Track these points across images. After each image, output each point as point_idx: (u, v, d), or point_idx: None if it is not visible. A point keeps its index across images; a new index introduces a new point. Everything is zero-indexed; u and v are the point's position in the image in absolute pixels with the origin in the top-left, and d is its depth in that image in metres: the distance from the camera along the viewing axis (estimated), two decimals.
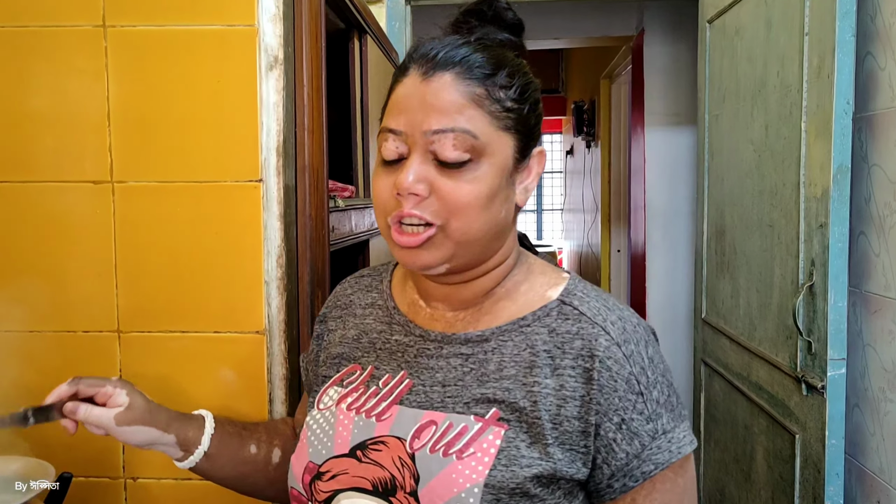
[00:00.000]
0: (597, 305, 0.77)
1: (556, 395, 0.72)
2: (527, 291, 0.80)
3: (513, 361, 0.75)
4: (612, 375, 0.72)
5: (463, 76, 0.71)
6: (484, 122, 0.71)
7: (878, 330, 1.43)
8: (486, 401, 0.74)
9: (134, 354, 1.11)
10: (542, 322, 0.76)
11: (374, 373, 0.82)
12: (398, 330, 0.83)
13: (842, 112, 1.41)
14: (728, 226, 2.01)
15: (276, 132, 1.10)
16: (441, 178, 0.71)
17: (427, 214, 0.71)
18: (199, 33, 1.06)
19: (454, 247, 0.73)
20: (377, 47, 1.89)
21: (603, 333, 0.74)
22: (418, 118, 0.71)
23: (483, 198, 0.71)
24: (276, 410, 1.13)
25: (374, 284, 0.92)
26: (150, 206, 1.09)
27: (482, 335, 0.78)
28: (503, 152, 0.73)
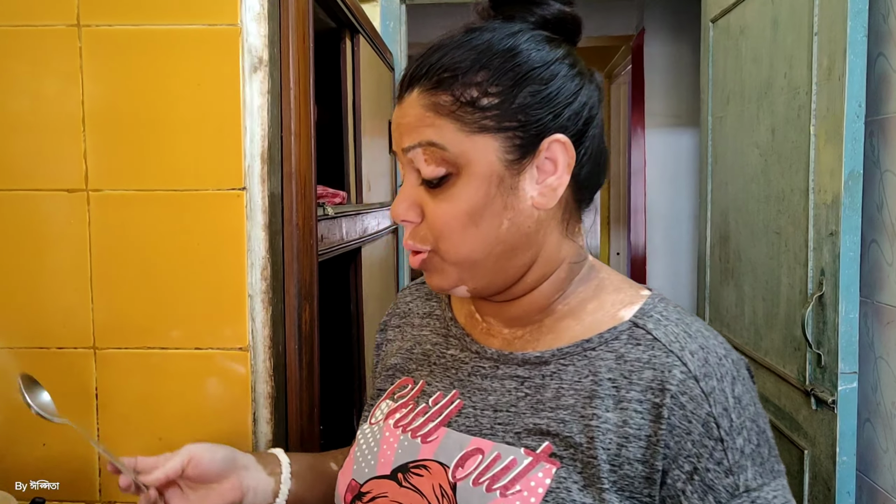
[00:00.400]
0: (675, 331, 0.66)
1: (618, 433, 0.63)
2: (595, 310, 0.71)
3: (572, 389, 0.67)
4: (686, 415, 0.61)
5: (428, 88, 0.66)
6: (451, 129, 0.64)
7: (892, 342, 1.37)
8: (538, 432, 0.66)
9: (110, 372, 1.05)
10: (610, 346, 0.67)
11: (426, 388, 0.76)
12: (454, 344, 0.78)
13: (853, 115, 1.35)
14: (732, 231, 1.95)
15: (261, 137, 1.04)
16: (427, 200, 0.67)
17: (419, 242, 0.68)
18: (178, 33, 1.00)
19: (456, 270, 0.68)
20: (370, 48, 1.83)
21: (678, 364, 0.63)
22: (396, 139, 0.68)
23: (461, 216, 0.65)
24: (260, 431, 1.07)
25: (433, 292, 0.86)
26: (127, 215, 1.03)
27: (541, 357, 0.70)
28: (484, 158, 0.64)
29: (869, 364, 1.45)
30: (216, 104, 1.01)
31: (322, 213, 1.27)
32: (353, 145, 1.69)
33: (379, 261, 2.02)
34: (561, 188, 0.66)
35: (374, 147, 1.91)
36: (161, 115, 1.01)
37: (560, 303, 0.72)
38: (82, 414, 1.05)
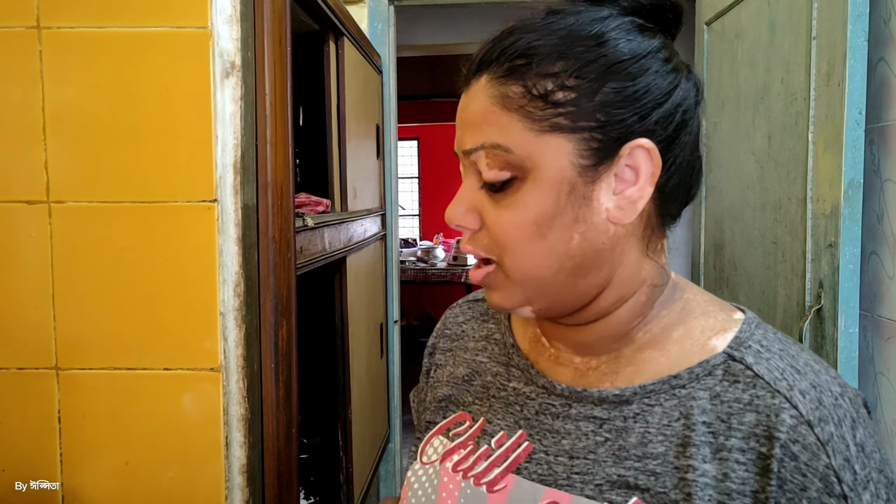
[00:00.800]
0: (780, 365, 0.56)
1: (718, 488, 0.54)
2: (682, 339, 0.61)
3: (661, 434, 0.58)
4: (800, 467, 0.53)
5: (498, 75, 0.57)
6: (518, 127, 0.56)
7: (893, 358, 1.33)
8: (624, 485, 0.57)
9: (74, 394, 0.99)
10: (702, 383, 0.58)
11: (487, 427, 0.67)
12: (517, 375, 0.68)
13: (853, 123, 1.30)
14: (727, 239, 1.91)
15: (233, 146, 0.98)
16: (489, 205, 0.58)
17: (480, 249, 0.59)
18: (145, 36, 0.95)
19: (520, 288, 0.59)
20: (356, 50, 1.77)
21: (788, 407, 0.54)
22: (459, 137, 0.60)
23: (526, 226, 0.56)
24: (233, 455, 1.02)
25: (490, 312, 0.76)
26: (91, 228, 0.97)
27: (621, 395, 0.60)
28: (555, 162, 0.55)
29: (868, 380, 1.40)
30: (185, 111, 0.96)
31: (301, 224, 1.22)
32: (337, 151, 1.64)
33: (366, 269, 1.96)
34: (642, 201, 0.57)
35: (360, 152, 1.86)
36: (127, 122, 0.96)
37: (640, 330, 0.62)
38: (44, 438, 0.99)
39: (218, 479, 1.01)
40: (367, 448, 1.92)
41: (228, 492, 1.02)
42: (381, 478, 2.41)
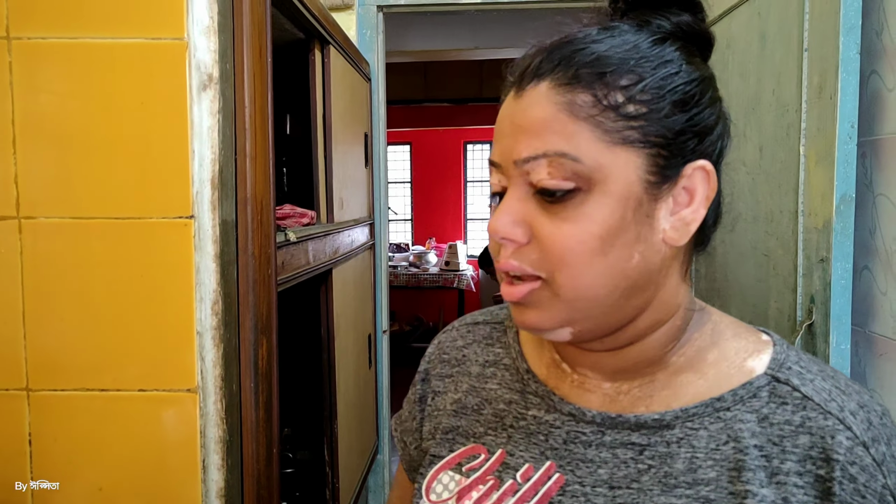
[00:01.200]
0: (826, 387, 0.57)
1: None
2: (717, 361, 0.60)
3: (710, 459, 0.56)
4: (859, 489, 0.53)
5: (562, 82, 0.54)
6: (590, 138, 0.53)
7: (886, 375, 1.31)
8: None
9: (46, 416, 0.96)
10: (748, 405, 0.57)
11: (508, 460, 0.62)
12: (536, 403, 0.64)
13: (845, 136, 1.29)
14: (719, 250, 1.89)
15: (211, 161, 0.96)
16: (541, 218, 0.55)
17: (527, 265, 0.55)
18: (119, 47, 0.92)
19: (566, 308, 0.55)
20: (343, 58, 1.75)
21: (842, 429, 0.54)
22: (509, 145, 0.56)
23: (593, 241, 0.53)
24: (210, 479, 0.99)
25: (495, 336, 0.72)
26: (63, 245, 0.94)
27: (661, 419, 0.58)
28: (624, 176, 0.54)
29: None
30: (161, 125, 0.93)
31: (283, 238, 1.19)
32: (323, 161, 1.61)
33: (354, 279, 1.93)
34: (695, 223, 0.56)
35: (348, 161, 1.83)
36: (100, 136, 0.93)
37: (675, 353, 0.61)
38: (14, 461, 0.96)
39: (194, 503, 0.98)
40: (354, 461, 1.89)
41: None
42: (370, 489, 2.38)
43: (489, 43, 3.39)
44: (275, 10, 1.22)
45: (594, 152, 0.53)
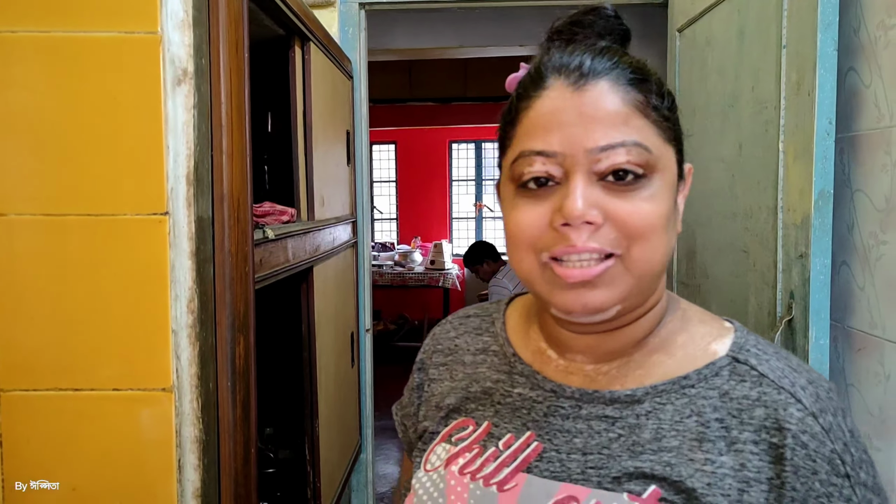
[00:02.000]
0: (780, 366, 0.63)
1: (737, 477, 0.59)
2: (685, 344, 0.66)
3: (674, 430, 0.62)
4: (810, 454, 0.59)
5: (619, 82, 0.60)
6: (651, 132, 0.60)
7: (864, 370, 1.32)
8: (641, 476, 0.61)
9: (17, 417, 0.94)
10: (710, 383, 0.63)
11: (492, 431, 0.69)
12: (521, 382, 0.70)
13: (823, 133, 1.29)
14: (699, 247, 1.90)
15: (186, 157, 0.95)
16: (613, 201, 0.59)
17: (606, 245, 0.59)
18: (91, 41, 0.91)
19: (634, 282, 0.60)
20: (324, 55, 1.74)
21: (794, 402, 0.60)
22: (578, 134, 0.59)
23: (664, 218, 0.60)
24: (186, 478, 0.98)
25: (484, 327, 0.79)
26: (34, 243, 0.92)
27: (633, 395, 0.64)
28: (671, 167, 0.62)
29: (840, 392, 1.39)
30: (134, 120, 0.92)
31: (261, 236, 1.18)
32: (303, 158, 1.60)
33: (336, 277, 1.92)
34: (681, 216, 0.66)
35: (329, 159, 1.82)
36: (72, 131, 0.91)
37: (653, 336, 0.67)
38: None
39: (170, 503, 0.97)
40: (336, 460, 1.88)
41: None
42: (353, 488, 2.37)
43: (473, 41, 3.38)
44: (253, 6, 1.20)
45: (656, 145, 0.60)
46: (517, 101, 0.65)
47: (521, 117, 0.63)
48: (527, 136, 0.62)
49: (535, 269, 0.62)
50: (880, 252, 1.26)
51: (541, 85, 0.62)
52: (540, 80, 0.63)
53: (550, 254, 0.60)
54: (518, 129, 0.64)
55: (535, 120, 0.62)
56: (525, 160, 0.61)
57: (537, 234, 0.61)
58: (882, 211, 1.26)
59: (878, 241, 1.27)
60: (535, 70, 0.64)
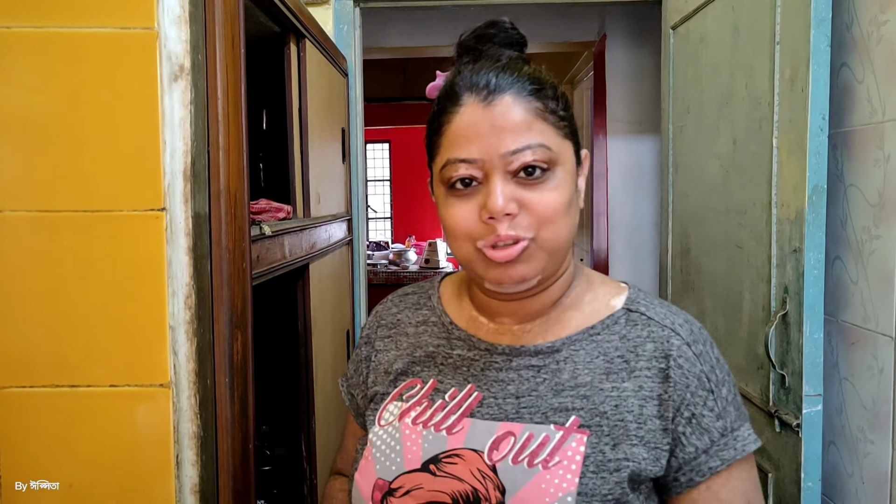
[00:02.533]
0: (662, 311, 0.80)
1: (637, 396, 0.75)
2: (591, 301, 0.83)
3: (587, 369, 0.77)
4: (685, 373, 0.75)
5: (521, 95, 0.73)
6: (551, 133, 0.74)
7: (857, 364, 1.33)
8: (563, 409, 0.76)
9: (13, 414, 0.94)
10: (612, 330, 0.79)
11: (438, 387, 0.82)
12: (459, 345, 0.84)
13: (817, 128, 1.30)
14: (693, 243, 1.91)
15: (183, 153, 0.94)
16: (525, 193, 0.72)
17: (521, 231, 0.72)
18: (87, 37, 0.90)
19: (546, 257, 0.74)
20: (319, 52, 1.74)
21: (674, 335, 0.77)
22: (492, 143, 0.72)
23: (566, 203, 0.74)
24: (184, 474, 0.98)
25: (421, 302, 0.93)
26: (30, 239, 0.92)
27: (552, 346, 0.79)
28: (570, 159, 0.76)
29: (833, 385, 1.40)
30: (131, 116, 0.92)
31: (258, 232, 1.18)
32: (299, 155, 1.60)
33: (331, 275, 1.92)
34: (583, 193, 0.80)
35: (325, 156, 1.82)
36: (68, 127, 0.91)
37: (565, 297, 0.83)
38: None
39: (169, 499, 0.97)
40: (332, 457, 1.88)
41: None
42: None
43: None
44: (249, 3, 1.20)
45: (556, 142, 0.74)
46: (438, 114, 0.78)
47: (444, 129, 0.76)
48: (451, 146, 0.75)
49: (472, 254, 0.75)
50: (873, 246, 1.27)
51: (457, 102, 0.75)
52: (455, 98, 0.75)
53: (484, 243, 0.73)
54: (443, 139, 0.77)
55: (456, 132, 0.75)
56: (452, 166, 0.74)
57: (471, 226, 0.74)
58: (875, 206, 1.27)
59: (871, 235, 1.28)
60: (450, 88, 0.77)
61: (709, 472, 0.74)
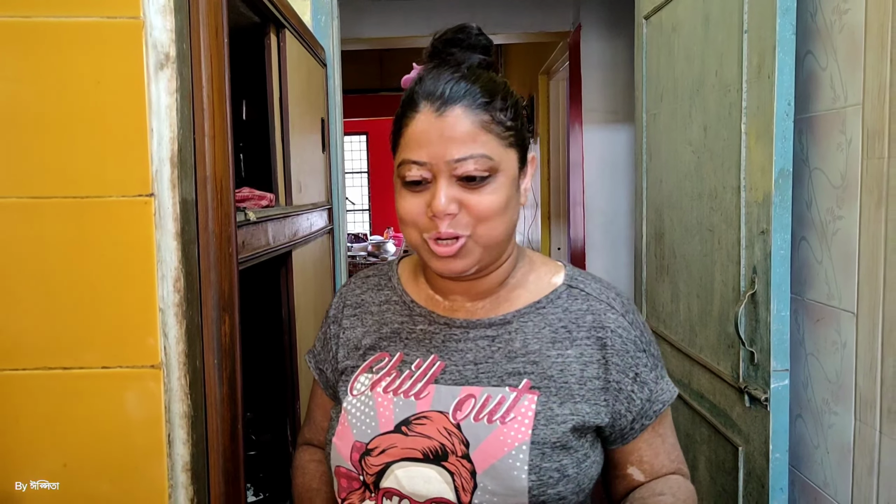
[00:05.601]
0: (597, 287, 0.93)
1: (578, 361, 0.87)
2: (536, 280, 0.94)
3: (535, 338, 0.89)
4: (623, 340, 0.89)
5: (470, 107, 0.82)
6: (494, 143, 0.83)
7: (822, 340, 1.39)
8: (516, 374, 0.87)
9: (6, 396, 0.96)
10: (555, 304, 0.91)
11: (404, 359, 0.93)
12: (420, 321, 0.95)
13: (783, 114, 1.35)
14: (667, 228, 1.96)
15: (170, 139, 0.97)
16: (466, 195, 0.82)
17: (460, 229, 0.83)
18: (73, 26, 0.92)
19: (482, 251, 0.85)
20: (299, 43, 1.75)
21: (610, 308, 0.90)
22: (440, 150, 0.82)
23: (502, 205, 0.83)
24: (176, 452, 1.00)
25: (382, 283, 1.02)
26: (20, 225, 0.94)
27: (504, 318, 0.91)
28: (511, 166, 0.85)
29: (800, 361, 1.46)
30: (118, 104, 0.93)
31: (243, 218, 1.20)
32: (280, 144, 1.62)
33: (313, 263, 1.95)
34: (529, 190, 0.91)
35: (305, 146, 1.84)
36: (57, 115, 0.93)
37: (511, 277, 0.94)
38: None
39: (161, 477, 0.99)
40: None
41: (172, 490, 1.00)
42: None
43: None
44: None
45: (498, 153, 0.83)
46: (400, 116, 0.87)
47: (404, 131, 0.86)
48: (406, 147, 0.85)
49: (419, 242, 0.86)
50: (836, 227, 1.33)
51: (415, 108, 0.84)
52: (414, 105, 0.85)
53: (428, 235, 0.83)
54: (401, 140, 0.86)
55: (411, 136, 0.84)
56: (405, 166, 0.84)
57: (418, 219, 0.84)
58: (838, 188, 1.32)
59: (834, 216, 1.34)
60: (411, 94, 0.86)
61: (654, 416, 0.90)
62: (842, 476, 1.33)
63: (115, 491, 0.99)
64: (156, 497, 1.00)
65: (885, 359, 1.20)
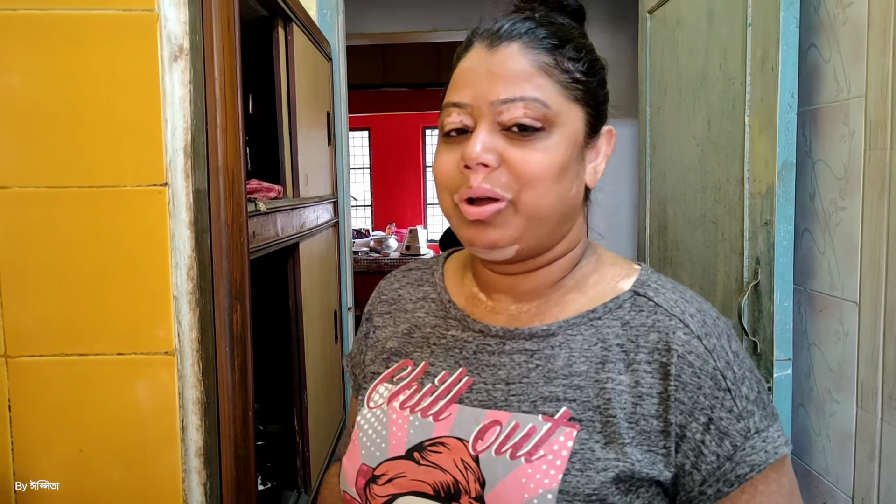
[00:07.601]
0: (673, 297, 0.71)
1: (632, 392, 0.67)
2: (597, 283, 0.75)
3: (583, 357, 0.70)
4: (695, 371, 0.67)
5: (530, 46, 0.68)
6: (553, 90, 0.68)
7: (824, 329, 1.40)
8: (554, 399, 0.69)
9: (25, 382, 0.98)
10: (614, 315, 0.71)
11: (429, 369, 0.78)
12: (454, 325, 0.79)
13: (786, 106, 1.37)
14: (671, 221, 1.97)
15: (184, 130, 0.98)
16: (510, 148, 0.67)
17: (497, 188, 0.67)
18: (89, 19, 0.94)
19: (524, 223, 0.68)
20: (305, 37, 1.77)
21: (681, 326, 0.68)
22: (484, 89, 0.68)
23: (555, 168, 0.67)
24: (189, 438, 1.02)
25: (424, 278, 0.88)
26: (38, 214, 0.96)
27: (548, 329, 0.72)
28: (574, 124, 0.69)
29: (802, 350, 1.48)
30: (133, 95, 0.95)
31: (253, 208, 1.22)
32: (288, 137, 1.64)
33: (319, 255, 1.97)
34: (600, 173, 0.74)
35: (311, 139, 1.86)
36: (73, 106, 0.95)
37: (568, 278, 0.76)
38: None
39: (174, 463, 1.01)
40: (322, 433, 1.93)
41: (185, 475, 1.02)
42: None
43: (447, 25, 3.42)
44: None
45: (557, 102, 0.68)
46: (454, 62, 0.74)
47: (452, 76, 0.73)
48: (450, 90, 0.72)
49: (450, 208, 0.71)
50: (839, 218, 1.35)
51: (468, 48, 0.72)
52: (468, 45, 0.72)
53: (459, 196, 0.68)
54: (449, 85, 0.73)
55: (457, 77, 0.71)
56: (446, 111, 0.71)
57: (450, 176, 0.70)
58: (841, 179, 1.34)
59: (837, 207, 1.35)
60: (469, 34, 0.73)
61: (737, 482, 0.65)
62: (843, 463, 1.35)
63: (130, 475, 1.01)
64: (169, 481, 1.02)
65: (887, 347, 1.21)
